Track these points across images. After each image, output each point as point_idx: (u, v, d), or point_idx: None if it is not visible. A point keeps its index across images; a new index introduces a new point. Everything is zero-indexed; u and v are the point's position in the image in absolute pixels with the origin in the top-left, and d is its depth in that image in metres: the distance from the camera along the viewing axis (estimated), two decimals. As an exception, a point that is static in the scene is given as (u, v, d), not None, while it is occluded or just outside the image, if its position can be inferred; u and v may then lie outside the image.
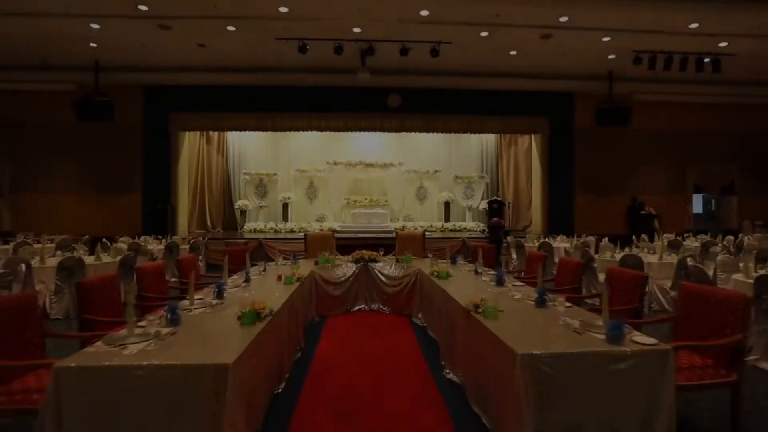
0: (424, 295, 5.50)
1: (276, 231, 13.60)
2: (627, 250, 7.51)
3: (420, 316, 5.60)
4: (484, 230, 12.74)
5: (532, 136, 13.29)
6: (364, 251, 6.34)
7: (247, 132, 14.49)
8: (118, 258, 6.63)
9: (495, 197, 13.28)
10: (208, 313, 3.27)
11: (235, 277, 4.77)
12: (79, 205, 12.24)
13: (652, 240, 9.68)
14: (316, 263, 6.01)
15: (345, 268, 6.15)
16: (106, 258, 6.82)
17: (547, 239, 9.60)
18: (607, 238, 9.13)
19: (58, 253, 7.77)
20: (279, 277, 4.67)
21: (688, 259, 5.92)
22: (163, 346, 2.42)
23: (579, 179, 12.81)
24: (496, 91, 12.41)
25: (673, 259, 6.53)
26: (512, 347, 2.39)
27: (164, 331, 2.67)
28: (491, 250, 6.72)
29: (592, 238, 9.65)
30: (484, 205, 14.33)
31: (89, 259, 6.62)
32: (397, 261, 6.21)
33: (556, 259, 8.62)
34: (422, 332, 5.24)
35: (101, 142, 12.21)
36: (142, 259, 7.62)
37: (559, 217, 12.67)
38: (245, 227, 13.91)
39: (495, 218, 11.53)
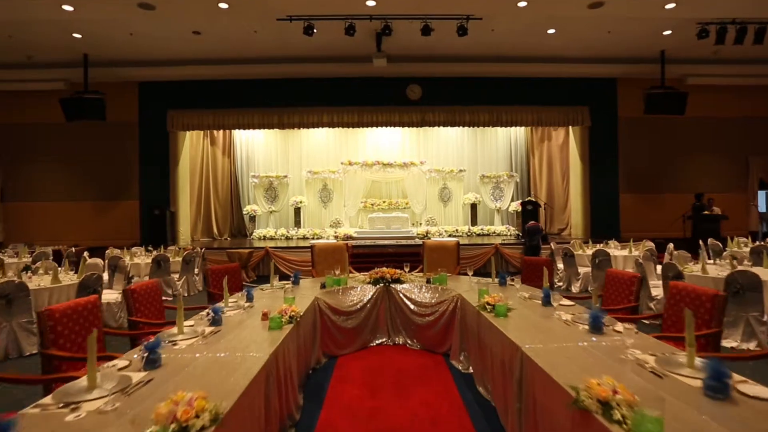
0: (467, 330, 3.96)
1: (287, 238, 12.21)
2: (702, 259, 5.83)
3: (462, 358, 4.04)
4: (518, 235, 11.09)
5: (570, 128, 11.62)
6: (384, 269, 4.82)
7: (255, 132, 13.28)
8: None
9: (529, 198, 11.65)
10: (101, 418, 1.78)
11: (205, 314, 3.29)
12: (73, 212, 11.02)
13: (724, 245, 7.94)
14: (323, 286, 4.51)
15: (360, 291, 4.64)
16: (68, 278, 5.43)
17: (601, 246, 7.94)
18: (672, 245, 7.46)
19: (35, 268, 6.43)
20: (265, 316, 3.19)
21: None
22: None
23: (624, 176, 11.09)
24: (530, 78, 10.81)
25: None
26: None
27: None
28: (540, 265, 5.13)
29: (650, 243, 7.97)
30: (514, 206, 12.72)
31: (45, 281, 5.24)
32: (428, 281, 4.67)
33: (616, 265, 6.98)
34: (467, 384, 3.70)
35: (95, 144, 11.00)
36: (118, 278, 6.24)
37: (601, 218, 10.98)
38: (254, 234, 12.55)
39: (531, 221, 9.89)
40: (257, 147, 13.70)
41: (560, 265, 8.08)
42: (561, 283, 7.92)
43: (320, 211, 12.99)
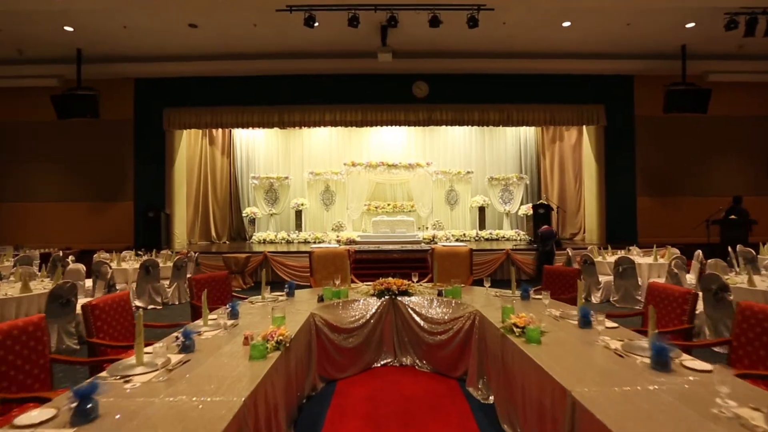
0: (488, 353, 3.37)
1: (288, 242, 11.67)
2: (746, 270, 5.20)
3: (480, 385, 3.46)
4: (531, 241, 10.47)
5: (584, 128, 11.00)
6: (390, 279, 4.24)
7: (255, 131, 12.74)
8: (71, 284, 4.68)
9: (541, 201, 11.05)
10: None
11: (174, 338, 2.72)
12: (66, 213, 10.50)
13: (758, 251, 7.31)
14: (320, 299, 3.93)
15: (363, 305, 4.06)
16: (41, 287, 4.87)
17: (622, 252, 7.34)
18: (701, 252, 6.85)
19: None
20: (247, 340, 2.62)
21: None
22: None
23: (641, 178, 10.46)
24: (542, 75, 10.21)
25: None
26: None
27: None
28: (567, 276, 4.53)
29: (675, 250, 7.36)
30: (525, 210, 12.11)
31: (15, 289, 4.68)
32: (440, 294, 4.08)
33: (642, 282, 6.39)
34: (488, 418, 3.11)
35: (89, 143, 10.49)
36: (99, 286, 5.69)
37: (617, 223, 10.36)
38: (254, 237, 11.99)
39: (545, 226, 9.31)
40: (257, 147, 13.17)
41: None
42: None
43: (322, 214, 12.42)
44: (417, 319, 4.00)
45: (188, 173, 11.47)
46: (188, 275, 7.64)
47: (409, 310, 4.07)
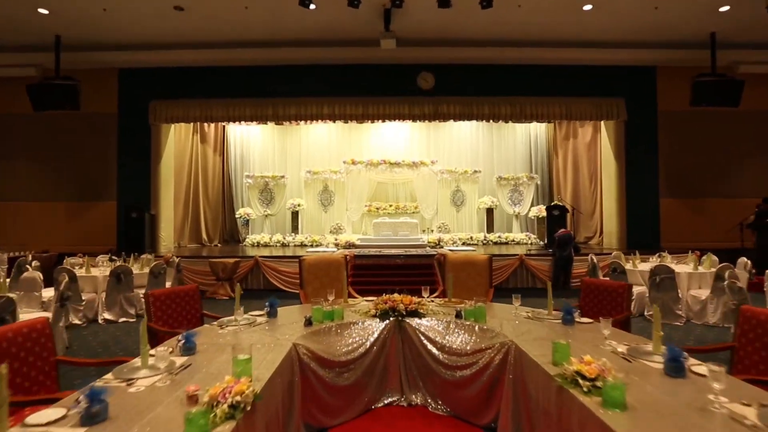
0: (527, 400, 2.49)
1: (283, 245, 10.81)
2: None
3: (518, 443, 2.58)
4: (546, 245, 9.56)
5: (602, 124, 10.12)
6: (396, 296, 3.36)
7: (249, 127, 11.91)
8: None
9: (555, 202, 10.18)
10: None
11: (89, 390, 1.85)
12: (44, 214, 9.65)
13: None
14: (308, 323, 3.05)
15: (362, 329, 3.18)
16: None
17: (656, 259, 6.46)
18: (747, 260, 5.97)
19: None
20: (192, 399, 1.75)
21: None
22: None
23: (664, 177, 9.57)
24: (558, 66, 9.36)
25: None
26: None
27: None
28: (616, 291, 3.64)
29: (714, 257, 6.48)
30: (535, 212, 11.24)
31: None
32: (458, 316, 3.21)
33: (681, 294, 5.51)
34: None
35: (69, 138, 9.65)
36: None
37: (639, 226, 9.47)
38: (247, 240, 11.14)
39: (562, 229, 8.42)
40: (252, 144, 12.32)
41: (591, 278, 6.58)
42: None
43: (320, 216, 11.55)
44: (430, 348, 3.12)
45: (177, 172, 10.62)
46: (168, 283, 6.77)
47: (420, 335, 3.19)
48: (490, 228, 11.41)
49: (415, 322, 3.24)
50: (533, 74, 9.36)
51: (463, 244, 10.44)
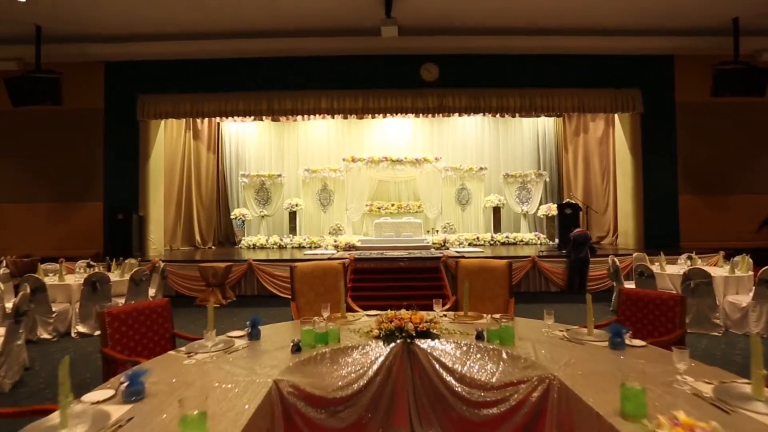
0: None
1: (281, 247, 10.25)
2: None
3: None
4: (559, 246, 8.94)
5: (616, 118, 9.50)
6: (403, 313, 2.76)
7: (244, 124, 11.35)
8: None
9: (568, 200, 9.59)
10: None
11: None
12: (26, 216, 9.05)
13: None
14: (296, 349, 2.44)
15: (363, 355, 2.58)
16: None
17: (685, 262, 5.85)
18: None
19: None
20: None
21: None
22: None
23: (683, 173, 8.95)
24: (570, 55, 8.76)
25: None
26: None
27: None
28: (664, 304, 3.04)
29: (750, 260, 5.86)
30: (544, 210, 10.65)
31: None
32: (479, 337, 2.61)
33: (718, 301, 4.92)
34: None
35: (52, 135, 9.04)
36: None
37: (656, 224, 8.86)
38: (243, 242, 10.56)
39: (578, 229, 7.84)
40: (248, 142, 11.75)
41: (630, 287, 5.97)
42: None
43: (319, 216, 10.97)
44: (447, 377, 2.52)
45: (169, 171, 10.06)
46: (152, 291, 6.19)
47: (433, 361, 2.59)
48: (497, 228, 10.82)
49: (426, 344, 2.64)
50: (544, 64, 8.76)
51: (470, 244, 9.85)
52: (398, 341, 2.65)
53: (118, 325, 2.73)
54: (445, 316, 3.21)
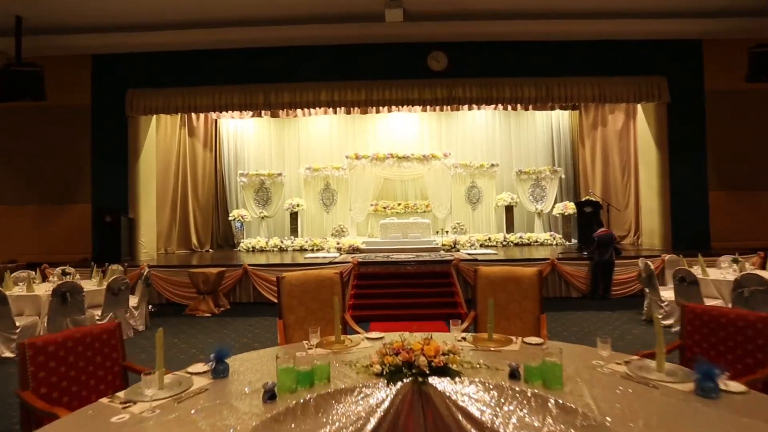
0: None
1: (281, 249, 9.68)
2: None
3: None
4: (581, 247, 8.20)
5: (639, 108, 8.78)
6: (413, 344, 2.09)
7: (243, 121, 10.79)
8: None
9: (587, 197, 8.91)
10: None
11: None
12: (10, 219, 8.54)
13: None
14: (269, 397, 1.81)
15: (355, 403, 1.94)
16: None
17: (730, 266, 5.15)
18: None
19: None
20: None
21: None
22: None
23: (714, 168, 8.23)
24: (590, 41, 8.10)
25: None
26: None
27: None
28: (748, 325, 2.38)
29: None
30: (559, 209, 9.96)
31: None
32: (513, 376, 1.96)
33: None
34: None
35: (36, 133, 8.52)
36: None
37: (685, 223, 8.14)
38: (242, 245, 9.97)
39: (602, 228, 7.15)
40: (246, 139, 11.18)
41: (666, 294, 5.29)
42: (670, 323, 5.10)
43: (321, 217, 10.36)
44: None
45: (163, 170, 9.49)
46: (134, 300, 5.59)
47: (452, 408, 1.95)
48: (509, 227, 10.16)
49: (444, 386, 1.99)
50: (561, 51, 8.10)
51: (481, 246, 9.19)
52: (407, 380, 2.00)
53: (45, 359, 2.11)
54: (464, 339, 2.56)
